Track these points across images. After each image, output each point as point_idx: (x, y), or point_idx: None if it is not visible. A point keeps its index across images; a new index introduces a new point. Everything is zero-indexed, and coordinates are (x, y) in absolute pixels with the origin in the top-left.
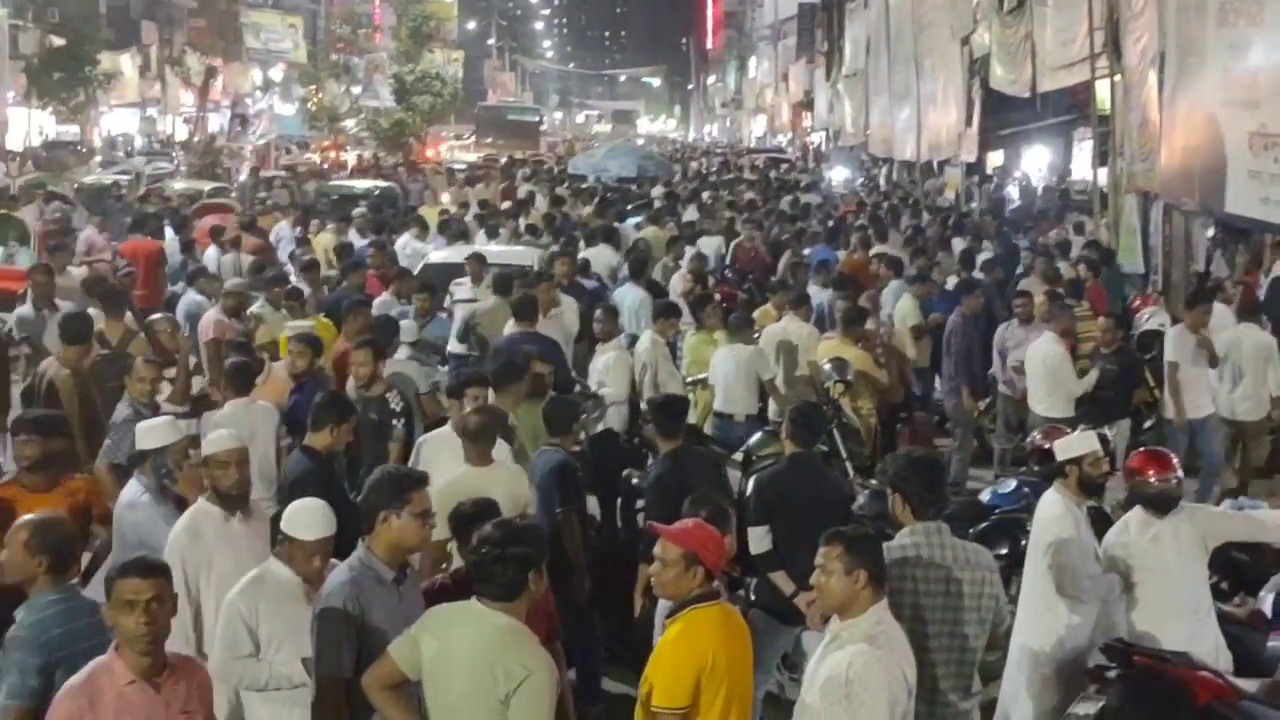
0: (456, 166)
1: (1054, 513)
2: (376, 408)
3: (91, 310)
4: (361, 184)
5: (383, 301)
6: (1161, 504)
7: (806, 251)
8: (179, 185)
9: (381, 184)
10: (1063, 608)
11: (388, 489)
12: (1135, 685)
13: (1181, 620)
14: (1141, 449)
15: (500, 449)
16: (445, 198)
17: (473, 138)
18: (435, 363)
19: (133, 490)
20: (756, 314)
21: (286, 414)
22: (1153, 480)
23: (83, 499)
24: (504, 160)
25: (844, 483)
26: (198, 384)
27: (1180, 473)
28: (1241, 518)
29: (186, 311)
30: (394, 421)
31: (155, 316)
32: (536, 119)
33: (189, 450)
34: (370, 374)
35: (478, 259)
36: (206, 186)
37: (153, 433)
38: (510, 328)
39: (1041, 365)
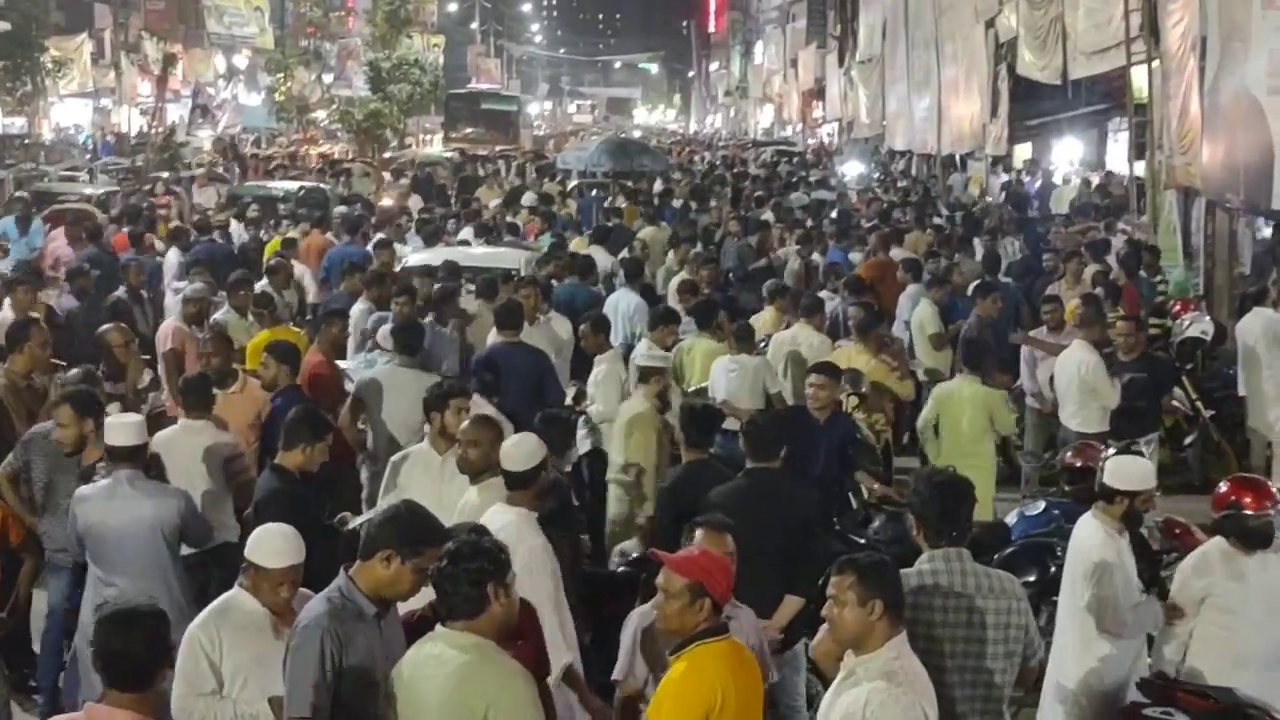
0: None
1: (1094, 540)
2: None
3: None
4: (280, 185)
5: (361, 310)
6: (1257, 539)
7: (815, 256)
8: (55, 186)
9: (307, 184)
10: (1101, 641)
11: (407, 532)
12: None
13: (1254, 669)
14: (1237, 475)
15: None
16: (386, 201)
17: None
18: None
19: (140, 481)
20: (756, 320)
21: (265, 426)
22: (1249, 512)
23: (0, 524)
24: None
25: (805, 503)
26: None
27: None
28: None
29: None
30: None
31: (106, 327)
32: (515, 108)
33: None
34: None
35: (451, 268)
36: (100, 191)
37: (134, 429)
38: (493, 337)
39: (1075, 376)
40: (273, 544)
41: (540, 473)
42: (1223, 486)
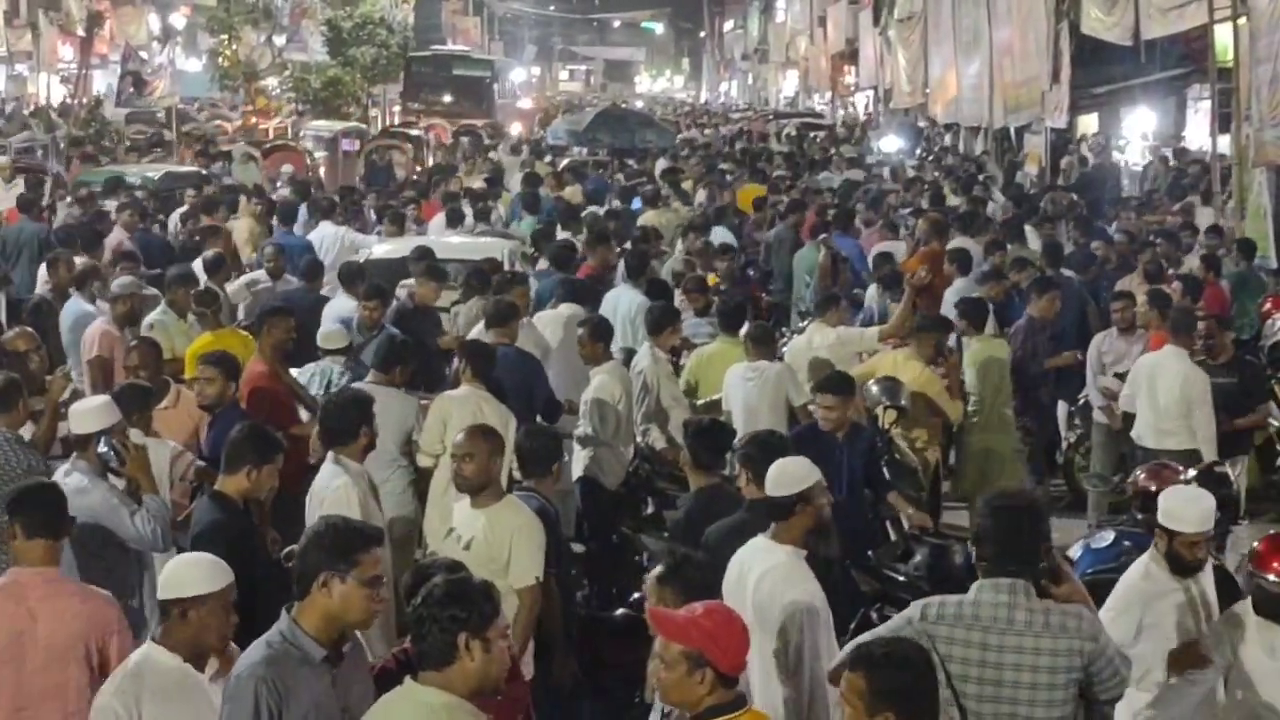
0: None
1: (1129, 577)
2: None
3: None
4: (137, 170)
5: (340, 305)
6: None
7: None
8: None
9: (179, 170)
10: (1143, 693)
11: (333, 545)
12: None
13: None
14: (1275, 534)
15: None
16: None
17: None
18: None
19: (72, 475)
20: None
21: (204, 453)
22: (1273, 579)
23: None
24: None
25: (824, 543)
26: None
27: None
28: None
29: (73, 323)
30: None
31: (11, 333)
32: (489, 74)
33: None
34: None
35: (424, 254)
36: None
37: (91, 415)
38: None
39: (1177, 391)
40: (191, 575)
41: (806, 501)
42: (1260, 547)
